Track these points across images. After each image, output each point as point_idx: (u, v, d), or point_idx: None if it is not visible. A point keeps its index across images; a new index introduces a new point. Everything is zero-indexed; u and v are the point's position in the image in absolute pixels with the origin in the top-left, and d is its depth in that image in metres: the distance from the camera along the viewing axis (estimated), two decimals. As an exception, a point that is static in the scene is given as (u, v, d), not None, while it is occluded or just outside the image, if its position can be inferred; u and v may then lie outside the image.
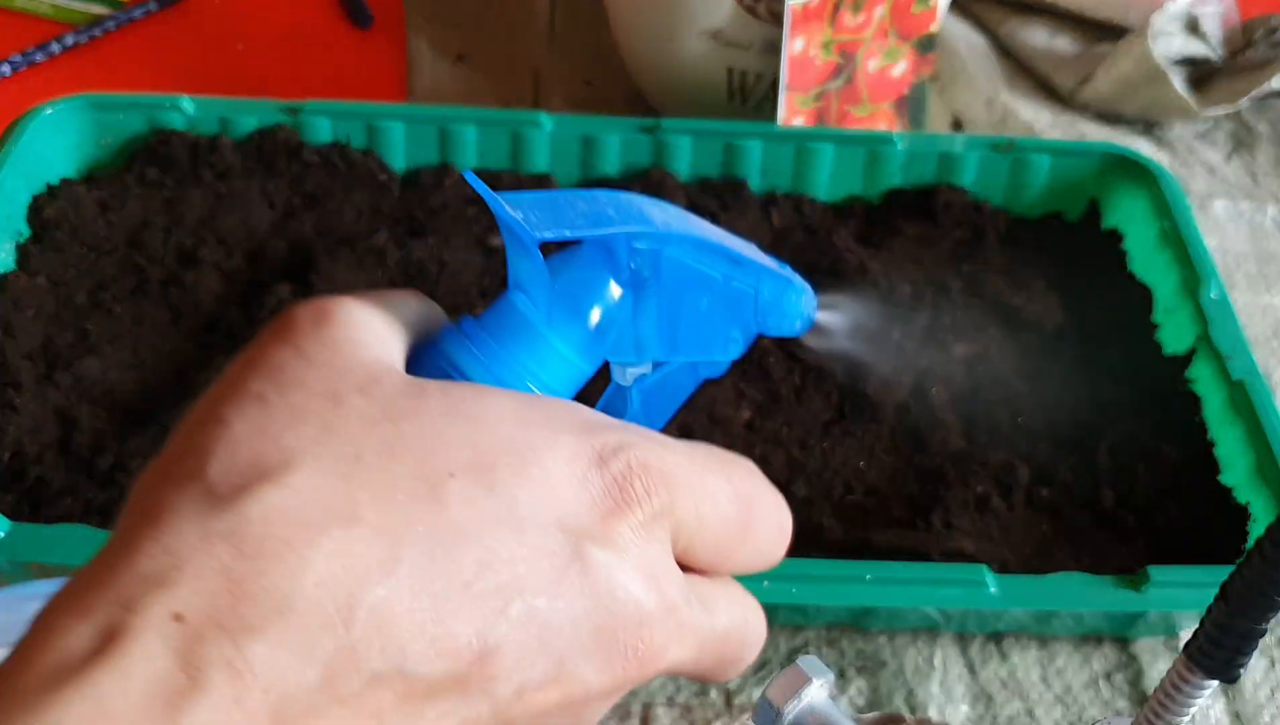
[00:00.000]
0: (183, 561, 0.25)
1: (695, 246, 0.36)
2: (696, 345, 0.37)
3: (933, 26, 0.72)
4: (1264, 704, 0.52)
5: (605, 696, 0.29)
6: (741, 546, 0.32)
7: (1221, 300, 0.59)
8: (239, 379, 0.28)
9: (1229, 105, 0.79)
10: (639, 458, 0.29)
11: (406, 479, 0.26)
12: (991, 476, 0.55)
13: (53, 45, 0.80)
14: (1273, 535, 0.28)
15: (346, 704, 0.25)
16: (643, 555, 0.29)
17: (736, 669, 0.33)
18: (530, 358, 0.32)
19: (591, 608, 0.27)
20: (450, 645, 0.25)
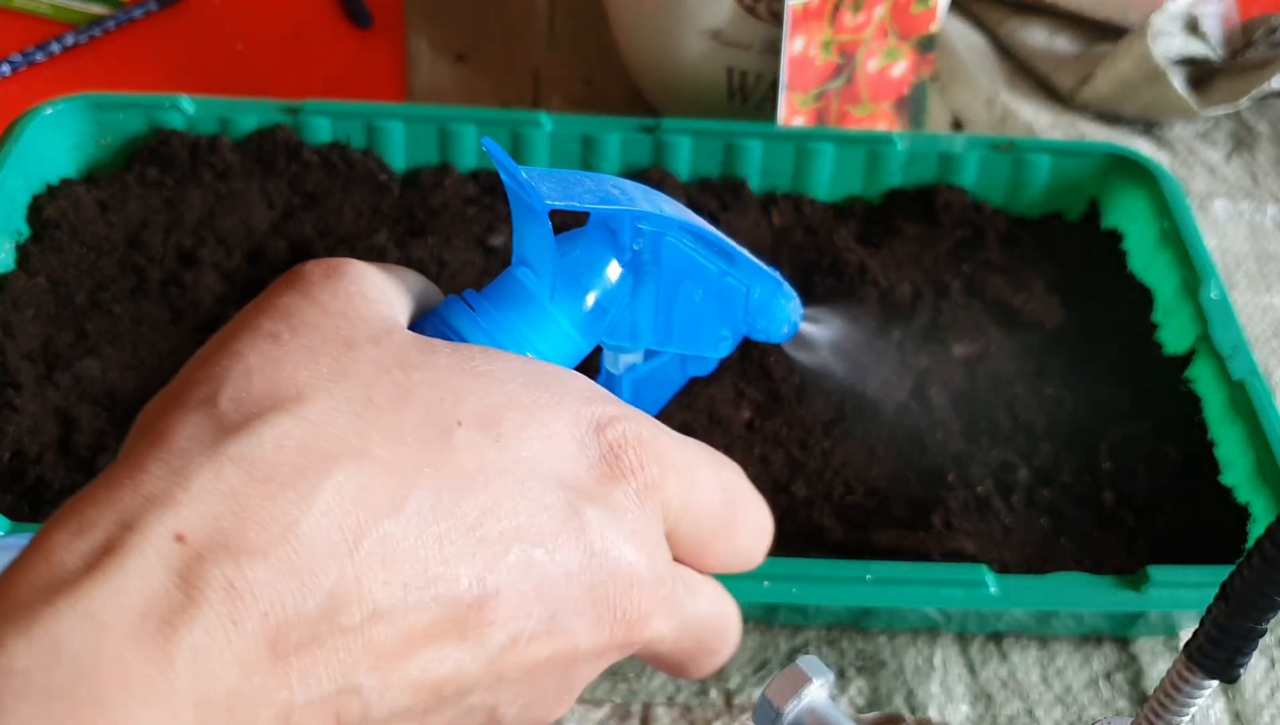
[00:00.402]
0: (189, 482, 0.25)
1: (695, 236, 0.36)
2: (688, 338, 0.37)
3: (933, 26, 0.72)
4: (1264, 704, 0.52)
5: (593, 658, 0.29)
6: (724, 540, 0.32)
7: (1222, 300, 0.59)
8: (252, 320, 0.29)
9: (1229, 105, 0.79)
10: (634, 431, 0.30)
11: (416, 424, 0.27)
12: (992, 477, 0.55)
13: (53, 45, 0.80)
14: (1273, 535, 0.28)
15: (346, 635, 0.25)
16: (636, 523, 0.29)
17: (713, 661, 0.33)
18: (531, 329, 0.33)
19: (586, 565, 0.28)
20: (451, 587, 0.26)
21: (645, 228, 0.35)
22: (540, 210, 0.31)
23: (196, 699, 0.23)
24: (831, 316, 0.55)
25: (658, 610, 0.30)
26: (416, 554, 0.26)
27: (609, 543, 0.28)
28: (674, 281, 0.36)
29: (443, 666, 0.26)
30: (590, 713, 0.49)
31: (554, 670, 0.29)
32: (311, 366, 0.27)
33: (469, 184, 0.67)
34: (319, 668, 0.24)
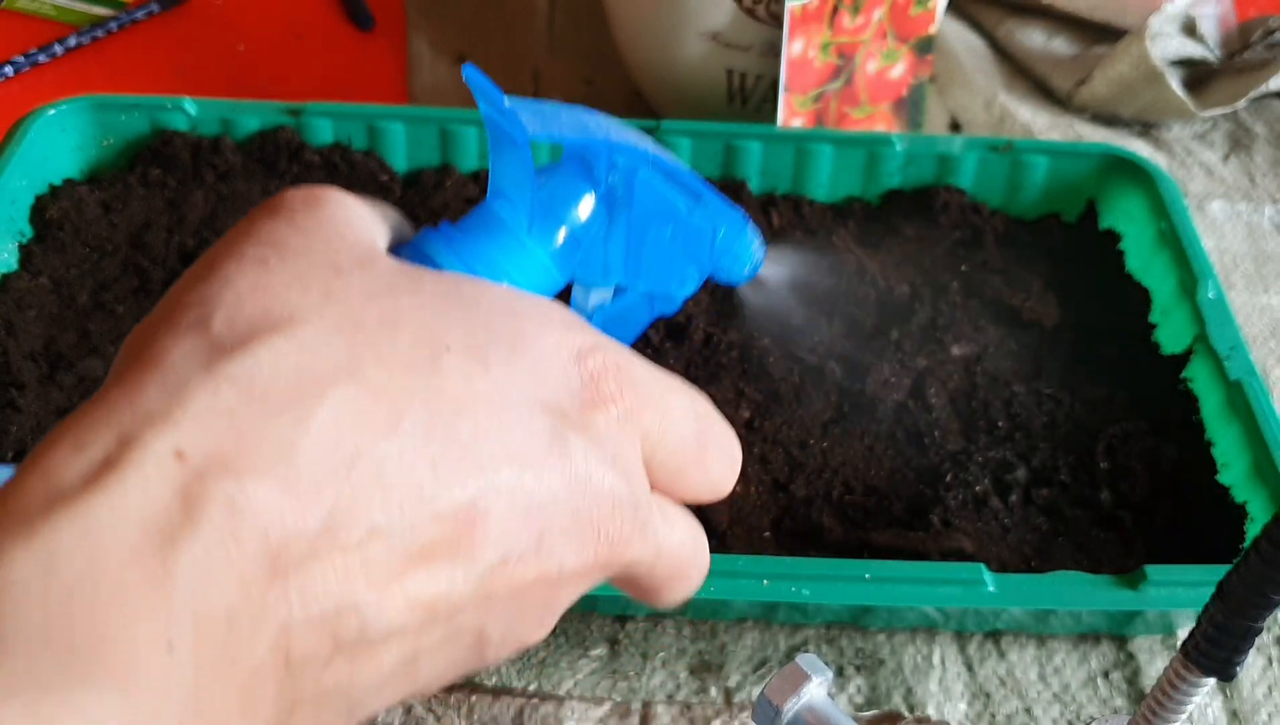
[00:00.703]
0: (187, 401, 0.25)
1: (667, 172, 0.37)
2: (658, 275, 0.38)
3: (931, 28, 0.72)
4: (1261, 702, 0.52)
5: (577, 579, 0.30)
6: (697, 469, 0.33)
7: (1219, 300, 0.59)
8: (236, 246, 0.29)
9: (1226, 106, 0.79)
10: (613, 360, 0.31)
11: (406, 349, 0.27)
12: (990, 476, 0.55)
13: (55, 46, 0.80)
14: (1270, 534, 0.28)
15: (345, 553, 0.25)
16: (617, 449, 0.30)
17: (685, 588, 0.34)
18: (508, 261, 0.33)
19: (570, 489, 0.28)
20: (445, 506, 0.26)
21: (621, 161, 0.35)
22: (521, 140, 0.32)
23: (195, 614, 0.23)
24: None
25: (638, 534, 0.31)
26: (411, 475, 0.26)
27: (592, 467, 0.29)
28: (645, 217, 0.37)
29: (436, 585, 0.26)
30: (590, 711, 0.50)
31: (540, 591, 0.29)
32: (301, 291, 0.27)
33: (470, 185, 0.67)
34: (318, 585, 0.25)
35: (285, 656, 0.25)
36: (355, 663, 0.26)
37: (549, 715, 0.49)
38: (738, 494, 0.54)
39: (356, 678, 0.26)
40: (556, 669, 0.50)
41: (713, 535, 0.52)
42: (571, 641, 0.51)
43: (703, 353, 0.60)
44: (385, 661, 0.27)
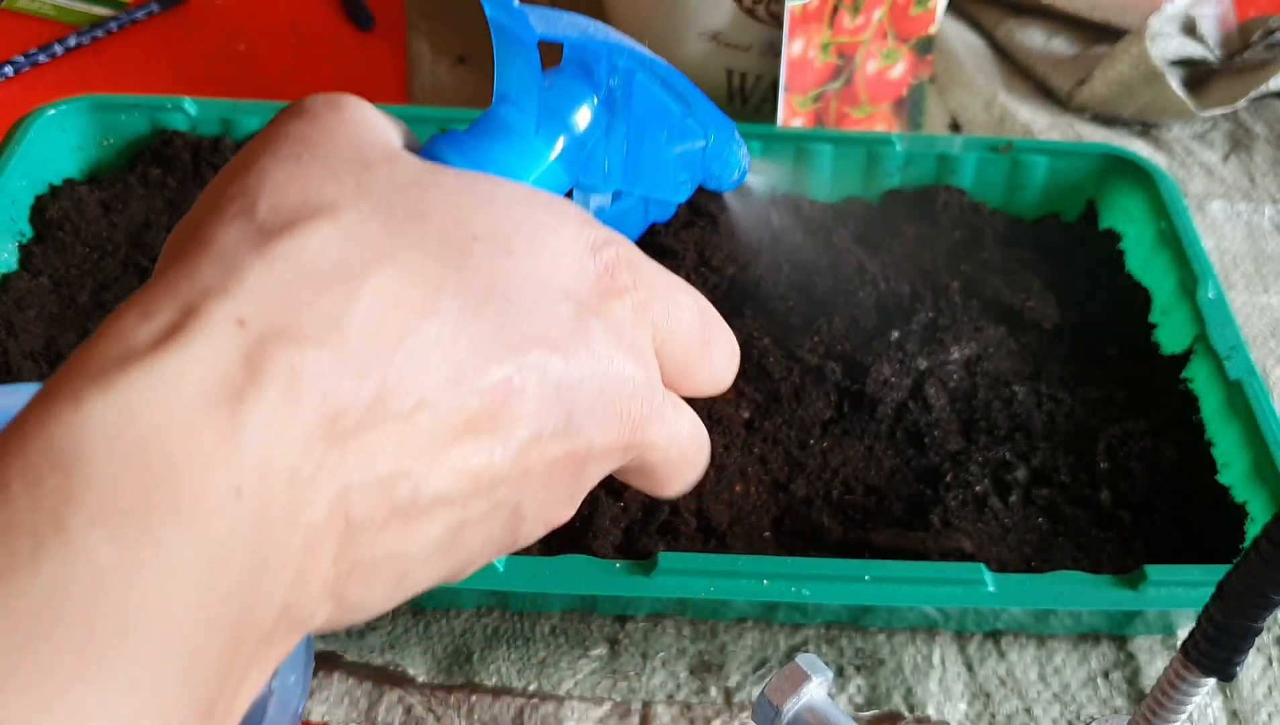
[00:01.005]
0: (243, 276, 0.26)
1: (662, 78, 0.38)
2: (654, 180, 0.39)
3: (931, 28, 0.72)
4: (1261, 702, 0.52)
5: (602, 457, 0.32)
6: (701, 362, 0.35)
7: (1219, 300, 0.59)
8: (267, 145, 0.31)
9: (1226, 106, 0.79)
10: (626, 253, 0.32)
11: (436, 237, 0.29)
12: (990, 476, 0.56)
13: (55, 46, 0.80)
14: (1270, 534, 0.28)
15: (397, 422, 0.27)
16: (633, 337, 0.32)
17: (692, 475, 0.36)
18: (518, 163, 0.34)
19: (595, 371, 0.30)
20: (483, 383, 0.28)
21: (621, 64, 0.36)
22: (529, 41, 0.33)
23: (261, 468, 0.24)
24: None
25: (655, 417, 0.32)
26: (452, 352, 0.28)
27: (612, 351, 0.31)
28: (643, 121, 0.37)
29: (479, 457, 0.28)
30: (591, 710, 0.50)
31: (570, 468, 0.31)
32: (336, 183, 0.29)
33: None
34: (373, 451, 0.26)
35: (345, 517, 0.26)
36: (407, 529, 0.27)
37: (549, 715, 0.49)
38: (738, 494, 0.54)
39: (408, 545, 0.28)
40: (556, 669, 0.50)
41: (713, 535, 0.52)
42: (571, 641, 0.51)
43: (703, 353, 0.60)
44: (433, 530, 0.28)
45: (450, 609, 0.52)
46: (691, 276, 0.63)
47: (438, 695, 0.50)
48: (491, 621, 0.52)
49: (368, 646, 0.50)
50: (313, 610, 0.27)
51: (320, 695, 0.49)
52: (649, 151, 0.38)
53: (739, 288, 0.63)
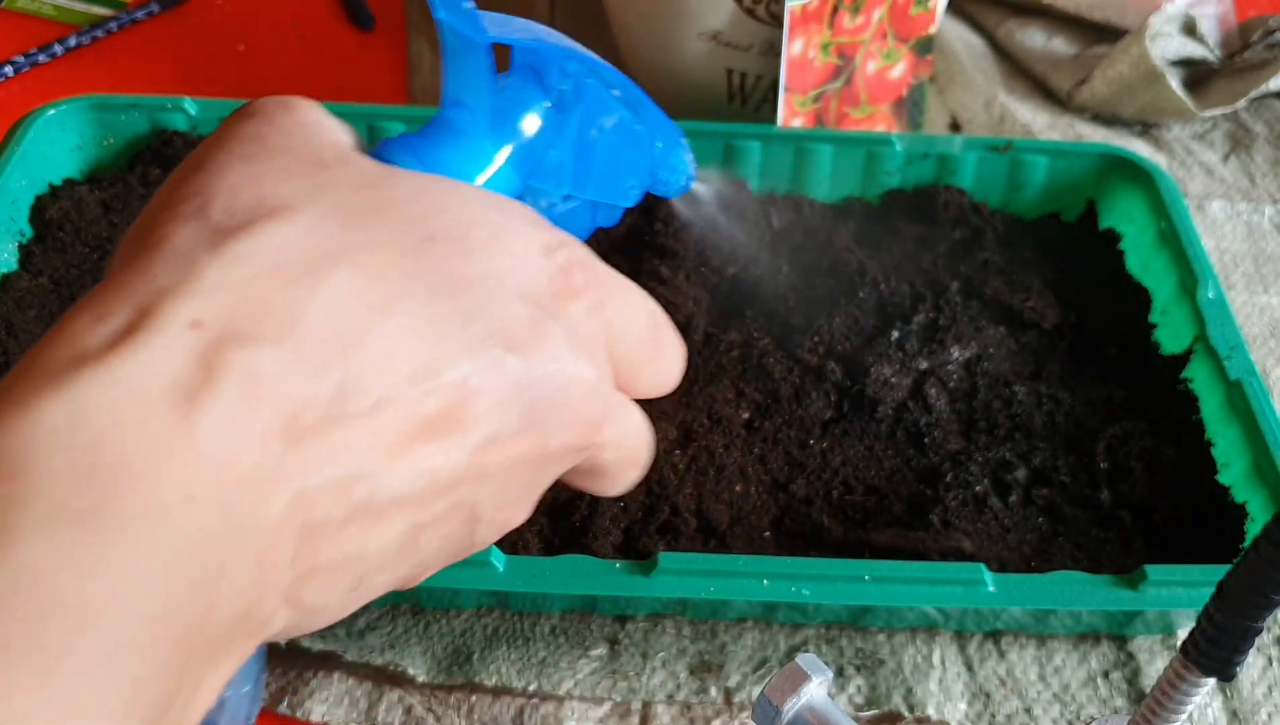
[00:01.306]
0: (200, 275, 0.26)
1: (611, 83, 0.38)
2: (603, 185, 0.39)
3: (931, 28, 0.72)
4: (1261, 702, 0.52)
5: (559, 458, 0.32)
6: (650, 363, 0.35)
7: (1219, 300, 0.59)
8: (220, 145, 0.30)
9: (1226, 106, 0.79)
10: (579, 254, 0.32)
11: (394, 236, 0.29)
12: (990, 476, 0.56)
13: (55, 46, 0.80)
14: (1270, 534, 0.28)
15: (356, 421, 0.26)
16: (588, 337, 0.32)
17: (637, 473, 0.36)
18: (470, 166, 0.34)
19: (551, 371, 0.30)
20: (442, 382, 0.28)
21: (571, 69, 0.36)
22: (481, 44, 0.33)
23: (217, 470, 0.24)
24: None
25: (607, 417, 0.33)
26: (411, 352, 0.27)
27: (568, 352, 0.31)
28: (593, 126, 0.37)
29: (437, 457, 0.28)
30: (590, 711, 0.50)
31: (526, 469, 0.31)
32: (292, 182, 0.29)
33: None
34: (332, 451, 0.26)
35: (303, 518, 0.26)
36: (366, 530, 0.27)
37: (549, 715, 0.49)
38: (738, 494, 0.54)
39: (366, 547, 0.28)
40: (556, 669, 0.50)
41: (713, 535, 0.52)
42: (571, 641, 0.51)
43: (703, 353, 0.60)
44: (391, 532, 0.28)
45: (450, 609, 0.52)
46: (691, 276, 0.63)
47: (438, 695, 0.50)
48: (491, 621, 0.52)
49: (368, 646, 0.50)
50: (270, 614, 0.27)
51: (320, 695, 0.49)
52: (598, 156, 0.38)
53: (739, 288, 0.63)
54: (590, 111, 0.37)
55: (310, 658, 0.50)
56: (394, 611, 0.52)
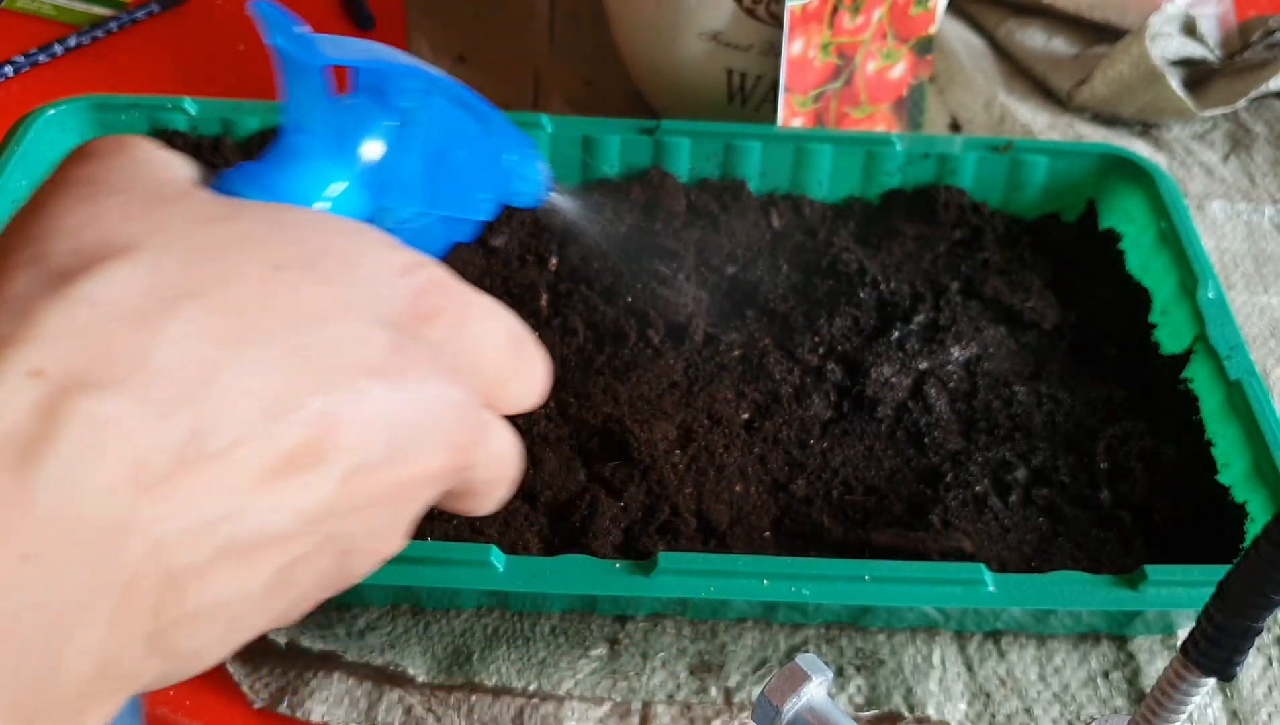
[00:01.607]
0: (39, 321, 0.25)
1: (457, 98, 0.38)
2: (454, 199, 0.39)
3: (931, 28, 0.72)
4: (1261, 702, 0.52)
5: (432, 482, 0.31)
6: (514, 378, 0.35)
7: (1219, 300, 0.59)
8: (57, 189, 0.30)
9: (1226, 106, 0.79)
10: (436, 274, 0.32)
11: (241, 270, 0.28)
12: (990, 476, 0.56)
13: (55, 46, 0.80)
14: (1270, 534, 0.28)
15: (213, 463, 0.26)
16: (451, 358, 0.31)
17: (506, 492, 0.35)
18: (315, 190, 0.34)
19: (416, 395, 0.30)
20: (301, 414, 0.27)
21: (414, 86, 0.36)
22: (315, 67, 0.33)
23: (59, 527, 0.23)
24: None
25: (478, 438, 0.32)
26: (267, 386, 0.27)
27: (432, 374, 0.30)
28: (441, 142, 0.38)
29: (302, 492, 0.27)
30: (590, 711, 0.50)
31: (397, 496, 0.30)
32: (134, 221, 0.28)
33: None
34: (188, 495, 0.25)
35: (165, 567, 0.25)
36: (234, 572, 0.27)
37: (549, 715, 0.49)
38: (738, 494, 0.54)
39: (235, 589, 0.27)
40: (556, 669, 0.50)
41: (713, 535, 0.52)
42: (571, 641, 0.51)
43: (703, 353, 0.60)
44: (261, 572, 0.27)
45: (450, 609, 0.52)
46: (692, 276, 0.63)
47: (438, 695, 0.50)
48: (491, 621, 0.52)
49: (368, 646, 0.50)
50: (136, 667, 0.26)
51: (320, 695, 0.49)
52: (447, 172, 0.38)
53: (739, 288, 0.63)
54: (436, 128, 0.37)
55: (310, 658, 0.50)
56: (394, 611, 0.52)
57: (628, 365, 0.59)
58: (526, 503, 0.52)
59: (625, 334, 0.60)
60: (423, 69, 0.37)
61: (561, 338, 0.60)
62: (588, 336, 0.60)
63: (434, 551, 0.47)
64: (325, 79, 0.33)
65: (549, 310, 0.61)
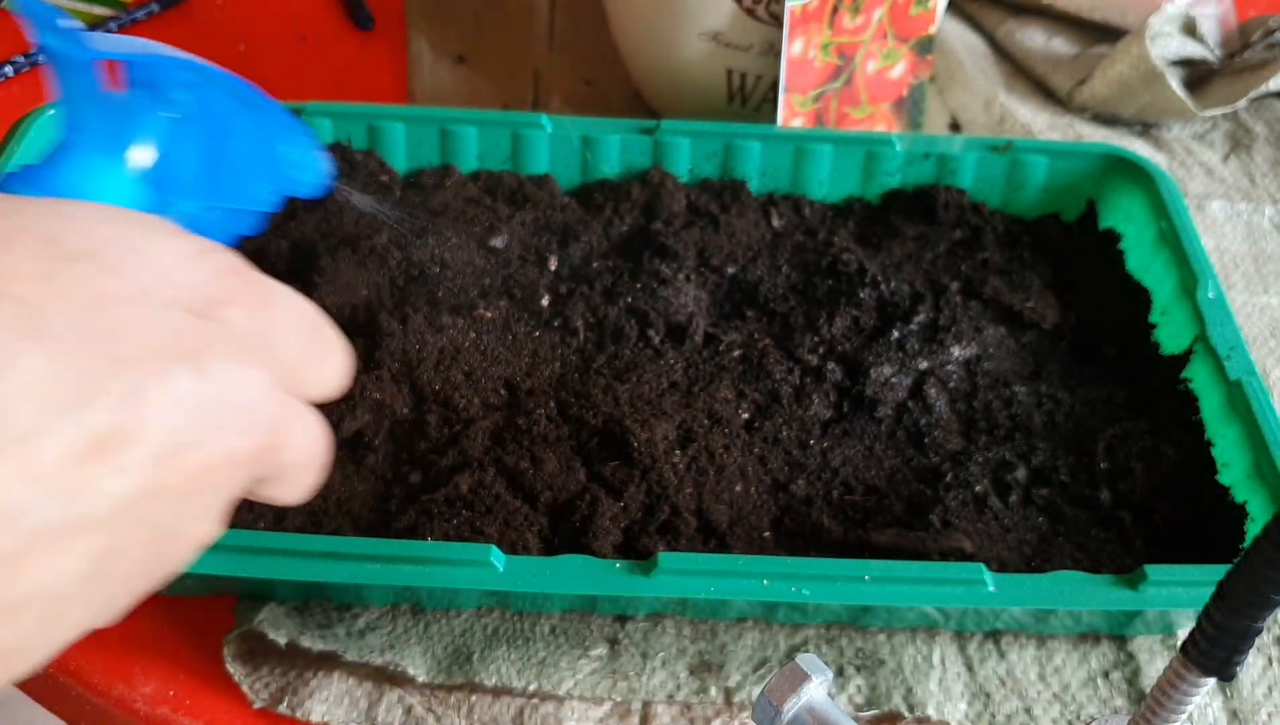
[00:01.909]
0: None
1: (233, 91, 0.38)
2: (234, 191, 0.39)
3: (931, 28, 0.72)
4: (1261, 702, 0.52)
5: (241, 463, 0.31)
6: (314, 363, 0.35)
7: (1219, 300, 0.60)
8: None
9: (1226, 106, 0.80)
10: (228, 260, 0.32)
11: (31, 263, 0.28)
12: (990, 476, 0.56)
13: (55, 46, 0.80)
14: (1270, 534, 0.28)
15: (16, 450, 0.26)
16: (251, 341, 0.31)
17: (317, 475, 0.35)
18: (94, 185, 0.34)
19: (218, 378, 0.30)
20: (104, 401, 0.27)
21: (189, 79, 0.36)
22: (85, 62, 0.33)
23: None
24: None
25: (283, 421, 0.32)
26: (61, 377, 0.27)
27: (233, 357, 0.30)
28: (218, 135, 0.38)
29: (108, 478, 0.27)
30: (591, 710, 0.50)
31: (208, 478, 0.30)
32: None
33: (470, 185, 0.67)
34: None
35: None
36: (48, 560, 0.27)
37: (549, 715, 0.49)
38: (738, 494, 0.54)
39: (50, 578, 0.27)
40: (557, 669, 0.50)
41: (713, 535, 0.52)
42: (571, 641, 0.51)
43: (703, 353, 0.60)
44: (77, 559, 0.27)
45: (450, 609, 0.52)
46: (692, 276, 0.63)
47: (438, 695, 0.50)
48: (491, 621, 0.52)
49: (368, 646, 0.50)
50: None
51: (320, 695, 0.49)
52: (226, 164, 0.38)
53: (739, 288, 0.63)
54: (213, 121, 0.37)
55: (310, 658, 0.50)
56: (394, 612, 0.52)
57: (628, 365, 0.59)
58: (527, 503, 0.52)
59: (625, 334, 0.60)
60: (196, 62, 0.37)
61: (562, 338, 0.60)
62: (588, 336, 0.60)
63: (434, 552, 0.47)
64: (97, 75, 0.33)
65: (550, 310, 0.61)
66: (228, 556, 0.46)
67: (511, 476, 0.53)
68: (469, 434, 0.54)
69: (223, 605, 0.52)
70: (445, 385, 0.56)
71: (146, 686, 0.50)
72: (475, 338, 0.59)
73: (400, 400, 0.56)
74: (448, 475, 0.53)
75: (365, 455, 0.54)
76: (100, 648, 0.51)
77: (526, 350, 0.59)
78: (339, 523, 0.52)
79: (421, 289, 0.60)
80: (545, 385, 0.58)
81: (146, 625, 0.52)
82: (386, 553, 0.47)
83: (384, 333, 0.57)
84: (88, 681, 0.50)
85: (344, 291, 0.59)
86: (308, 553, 0.47)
